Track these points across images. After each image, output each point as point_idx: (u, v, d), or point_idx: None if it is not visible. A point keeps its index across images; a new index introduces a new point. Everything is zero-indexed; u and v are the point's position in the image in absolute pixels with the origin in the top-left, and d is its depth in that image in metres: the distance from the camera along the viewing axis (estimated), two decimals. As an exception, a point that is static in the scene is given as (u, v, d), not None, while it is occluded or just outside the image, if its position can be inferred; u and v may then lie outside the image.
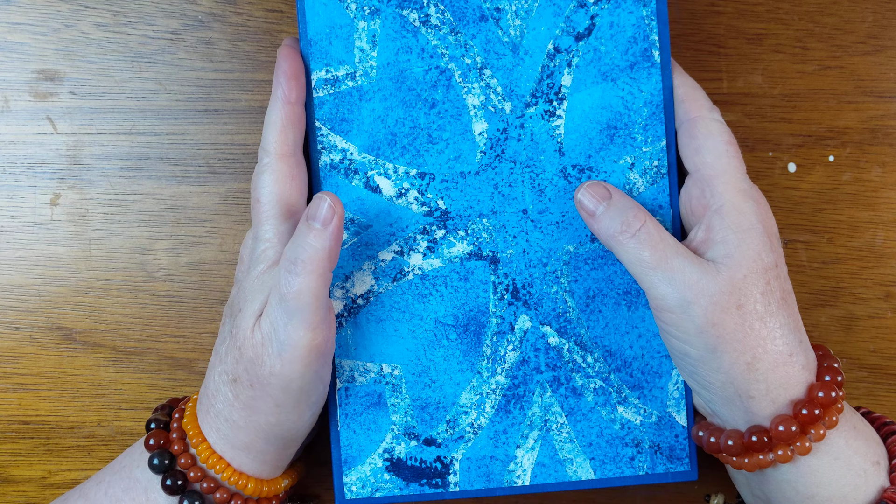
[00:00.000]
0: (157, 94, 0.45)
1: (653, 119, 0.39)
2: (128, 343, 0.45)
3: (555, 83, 0.39)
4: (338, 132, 0.38)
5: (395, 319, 0.39)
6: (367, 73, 0.38)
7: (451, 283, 0.39)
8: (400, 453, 0.39)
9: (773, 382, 0.35)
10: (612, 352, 0.39)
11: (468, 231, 0.39)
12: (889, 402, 0.46)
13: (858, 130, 0.46)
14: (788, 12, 0.46)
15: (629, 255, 0.36)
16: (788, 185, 0.46)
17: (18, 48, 0.44)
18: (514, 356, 0.39)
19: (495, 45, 0.38)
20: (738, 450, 0.36)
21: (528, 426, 0.39)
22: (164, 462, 0.36)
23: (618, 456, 0.39)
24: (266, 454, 0.37)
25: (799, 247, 0.46)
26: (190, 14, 0.45)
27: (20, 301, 0.45)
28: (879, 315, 0.46)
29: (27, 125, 0.45)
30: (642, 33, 0.39)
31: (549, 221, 0.39)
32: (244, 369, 0.35)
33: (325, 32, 0.38)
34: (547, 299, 0.39)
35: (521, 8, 0.38)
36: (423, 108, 0.38)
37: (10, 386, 0.45)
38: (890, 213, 0.46)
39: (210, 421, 0.37)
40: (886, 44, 0.46)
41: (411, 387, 0.39)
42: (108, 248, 0.45)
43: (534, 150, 0.39)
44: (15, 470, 0.45)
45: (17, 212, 0.45)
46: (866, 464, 0.36)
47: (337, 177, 0.38)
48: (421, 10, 0.38)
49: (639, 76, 0.39)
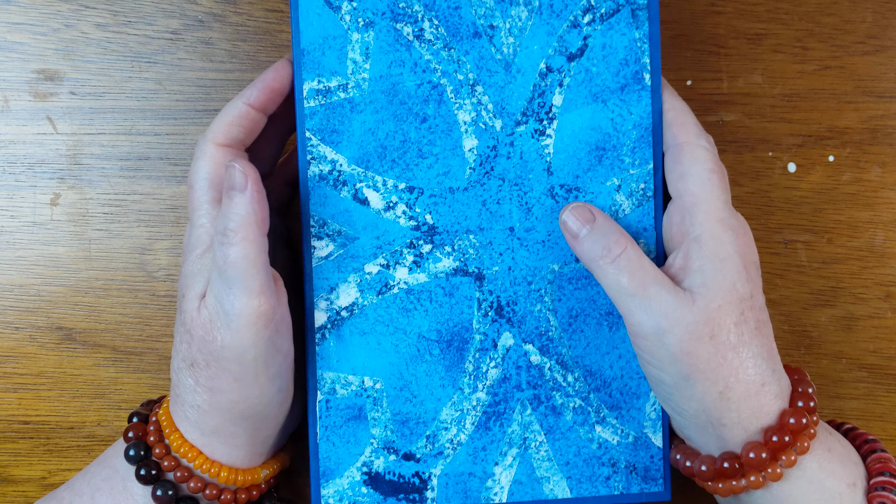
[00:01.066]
0: (157, 94, 0.45)
1: (641, 142, 0.39)
2: (128, 343, 0.45)
3: (546, 102, 0.39)
4: (328, 143, 0.38)
5: (378, 333, 0.39)
6: (359, 85, 0.38)
7: (436, 298, 0.39)
8: (378, 467, 0.39)
9: (745, 411, 0.36)
10: (592, 371, 0.40)
11: (455, 247, 0.39)
12: (889, 402, 0.46)
13: (858, 130, 0.46)
14: (788, 12, 0.46)
15: (608, 280, 0.36)
16: (788, 185, 0.46)
17: (18, 48, 0.44)
18: (495, 373, 0.39)
19: (488, 63, 0.38)
20: (711, 475, 0.37)
21: (508, 443, 0.39)
22: (139, 452, 0.37)
23: (594, 475, 0.40)
24: (237, 437, 0.37)
25: (799, 247, 0.46)
26: (190, 14, 0.45)
27: (20, 301, 0.45)
28: (879, 315, 0.46)
29: (27, 125, 0.45)
30: (634, 56, 0.39)
31: (535, 240, 0.39)
32: (198, 350, 0.35)
33: (319, 43, 0.38)
34: (530, 317, 0.39)
35: (515, 26, 0.38)
36: (414, 122, 0.38)
37: (10, 386, 0.45)
38: (890, 213, 0.46)
39: (179, 410, 0.37)
40: (886, 44, 0.46)
41: (392, 401, 0.39)
42: (108, 248, 0.45)
43: (522, 168, 0.39)
44: (15, 470, 0.45)
45: (17, 212, 0.45)
46: (841, 486, 0.36)
47: (325, 188, 0.38)
48: (415, 24, 0.38)
49: (629, 98, 0.39)
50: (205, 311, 0.35)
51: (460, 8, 0.38)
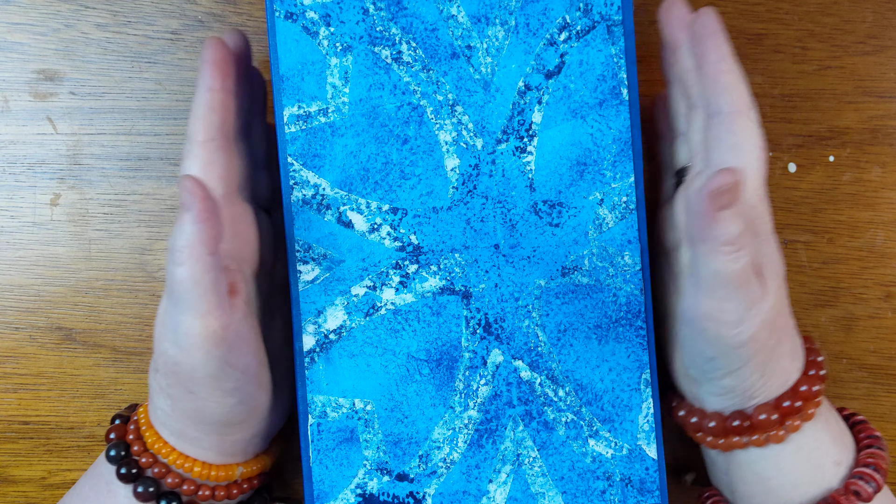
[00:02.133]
0: (157, 94, 0.45)
1: (621, 156, 0.39)
2: (128, 343, 0.45)
3: (525, 120, 0.39)
4: (310, 168, 0.38)
5: (367, 354, 0.39)
6: (339, 109, 0.38)
7: (424, 317, 0.39)
8: (372, 489, 0.39)
9: (773, 386, 0.36)
10: (583, 385, 0.40)
11: (440, 266, 0.39)
12: (889, 402, 0.46)
13: (858, 130, 0.46)
14: (788, 12, 0.46)
15: (720, 266, 0.33)
16: (788, 185, 0.46)
17: (18, 48, 0.44)
18: (486, 390, 0.39)
19: (467, 83, 0.39)
20: (719, 432, 0.37)
21: (501, 460, 0.39)
22: (119, 453, 0.37)
23: (589, 489, 0.40)
24: (201, 441, 0.37)
25: (799, 247, 0.46)
26: (190, 14, 0.45)
27: (20, 301, 0.45)
28: (879, 315, 0.46)
29: (27, 125, 0.45)
30: (611, 71, 0.39)
31: (520, 256, 0.39)
32: (160, 358, 0.35)
33: (298, 69, 0.38)
34: (519, 333, 0.39)
35: (492, 46, 0.39)
36: (395, 143, 0.39)
37: (10, 386, 0.45)
38: (890, 213, 0.46)
39: (151, 410, 0.38)
40: (886, 44, 0.46)
41: (384, 422, 0.39)
42: (108, 248, 0.45)
43: (505, 185, 0.39)
44: (15, 470, 0.45)
45: (17, 212, 0.45)
46: (826, 460, 0.37)
47: (309, 212, 0.39)
48: (393, 46, 0.38)
49: (607, 113, 0.39)
50: (158, 326, 0.35)
51: (437, 30, 0.38)
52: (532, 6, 0.39)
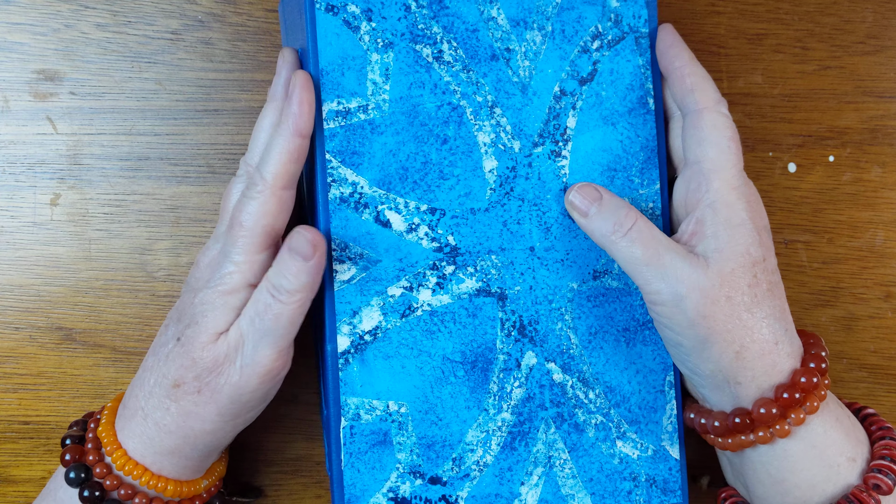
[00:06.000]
0: (157, 94, 0.45)
1: (648, 163, 0.40)
2: (128, 343, 0.45)
3: (560, 124, 0.39)
4: (348, 165, 0.38)
5: (402, 356, 0.38)
6: (379, 107, 0.38)
7: (460, 319, 0.39)
8: (405, 492, 0.38)
9: (759, 369, 0.37)
10: (612, 387, 0.40)
11: (477, 267, 0.39)
12: (889, 402, 0.46)
13: (858, 130, 0.46)
14: (788, 12, 0.46)
15: (622, 254, 0.37)
16: (788, 185, 0.46)
17: (18, 48, 0.44)
18: (519, 393, 0.39)
19: (505, 85, 0.39)
20: (723, 431, 0.38)
21: (533, 463, 0.39)
22: (79, 475, 0.36)
23: (616, 490, 0.40)
24: (190, 459, 0.37)
25: (799, 247, 0.46)
26: (190, 14, 0.45)
27: (20, 301, 0.45)
28: (879, 315, 0.46)
29: (27, 125, 0.45)
30: (639, 81, 0.40)
31: (554, 259, 0.39)
32: (195, 377, 0.35)
33: (338, 63, 0.37)
34: (552, 336, 0.39)
35: (530, 50, 0.39)
36: (435, 143, 0.38)
37: (10, 386, 0.45)
38: (890, 213, 0.46)
39: (134, 426, 0.37)
40: (886, 44, 0.46)
41: (417, 424, 0.39)
42: (108, 248, 0.45)
43: (541, 188, 0.39)
44: (15, 470, 0.45)
45: (17, 212, 0.45)
46: (840, 458, 0.37)
47: (346, 210, 0.38)
48: (434, 45, 0.38)
49: (636, 122, 0.40)
50: (223, 346, 0.35)
51: (478, 31, 0.38)
52: (567, 13, 0.39)
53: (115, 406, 0.38)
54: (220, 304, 0.36)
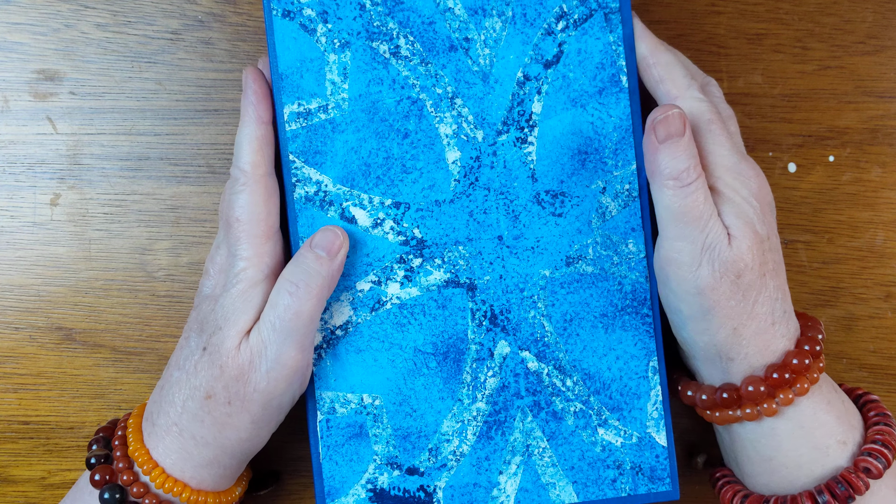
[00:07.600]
0: (157, 94, 0.45)
1: (622, 143, 0.39)
2: (128, 343, 0.45)
3: (525, 110, 0.39)
4: (311, 164, 0.39)
5: (374, 349, 0.39)
6: (339, 106, 0.39)
7: (430, 311, 0.39)
8: (383, 483, 0.39)
9: (753, 348, 0.37)
10: (590, 374, 0.40)
11: (445, 259, 0.39)
12: (889, 402, 0.46)
13: (858, 130, 0.46)
14: (788, 12, 0.46)
15: (670, 201, 0.36)
16: (788, 185, 0.46)
17: (18, 48, 0.44)
18: (494, 382, 0.39)
19: (465, 75, 0.39)
20: (710, 404, 0.38)
21: (511, 452, 0.39)
22: (115, 497, 0.36)
23: (600, 478, 0.40)
24: (228, 468, 0.37)
25: (799, 247, 0.46)
26: (190, 14, 0.45)
27: (20, 301, 0.45)
28: (879, 315, 0.46)
29: (27, 125, 0.45)
30: (610, 59, 0.39)
31: (524, 247, 0.39)
32: (223, 387, 0.35)
33: (297, 66, 0.38)
34: (525, 324, 0.39)
35: (490, 37, 0.39)
36: (396, 138, 0.39)
37: (10, 386, 0.45)
38: (890, 213, 0.46)
39: (170, 442, 0.36)
40: (886, 44, 0.46)
41: (392, 416, 0.39)
42: (108, 248, 0.45)
43: (507, 176, 0.39)
44: (15, 470, 0.45)
45: (17, 212, 0.45)
46: (830, 440, 0.37)
47: (312, 209, 0.39)
48: (391, 41, 0.38)
49: (607, 101, 0.39)
50: (246, 352, 0.35)
51: (434, 23, 0.39)
52: None
53: (137, 423, 0.38)
54: (241, 304, 0.36)
